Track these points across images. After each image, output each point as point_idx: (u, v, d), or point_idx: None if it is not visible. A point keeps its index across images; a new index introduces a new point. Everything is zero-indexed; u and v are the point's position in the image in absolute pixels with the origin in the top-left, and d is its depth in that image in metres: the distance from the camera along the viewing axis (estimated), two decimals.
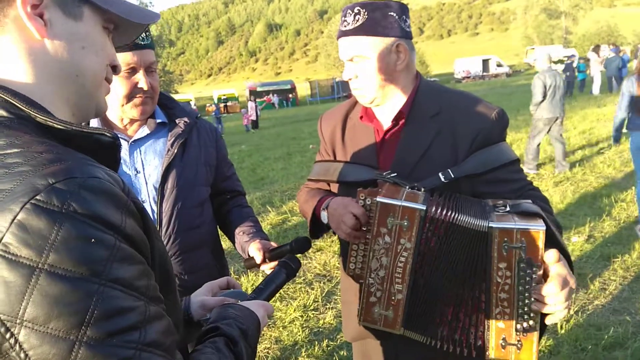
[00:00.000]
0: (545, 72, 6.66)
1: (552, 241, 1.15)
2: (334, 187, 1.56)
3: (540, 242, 1.08)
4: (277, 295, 1.12)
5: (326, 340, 3.18)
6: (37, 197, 0.55)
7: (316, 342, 3.17)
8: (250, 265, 1.54)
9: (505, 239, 1.10)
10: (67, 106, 0.74)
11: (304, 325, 3.41)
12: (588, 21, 63.71)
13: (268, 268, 1.51)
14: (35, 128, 0.65)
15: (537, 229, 1.08)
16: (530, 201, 1.23)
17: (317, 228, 1.54)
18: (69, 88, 0.73)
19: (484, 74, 46.65)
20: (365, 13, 1.31)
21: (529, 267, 1.10)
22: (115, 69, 0.81)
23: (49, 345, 0.54)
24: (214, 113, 23.03)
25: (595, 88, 16.96)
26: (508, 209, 1.17)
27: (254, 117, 21.48)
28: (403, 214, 1.17)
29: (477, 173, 1.31)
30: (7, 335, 0.54)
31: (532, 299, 1.11)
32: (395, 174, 1.31)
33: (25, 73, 0.68)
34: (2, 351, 0.55)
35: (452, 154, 1.34)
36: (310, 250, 4.74)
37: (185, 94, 54.11)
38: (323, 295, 3.83)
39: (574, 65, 18.42)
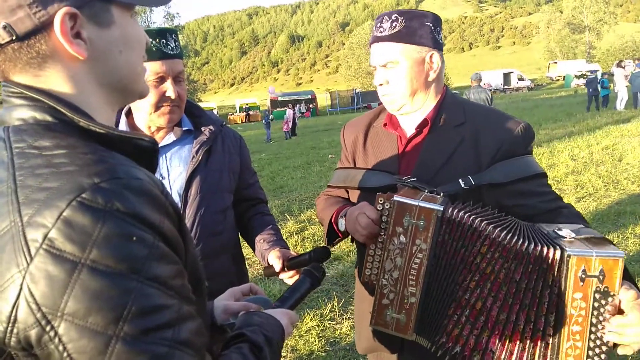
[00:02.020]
0: (473, 89, 8.68)
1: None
2: (353, 194, 1.55)
3: (619, 270, 1.03)
4: (297, 306, 1.13)
5: (342, 351, 3.17)
6: (83, 195, 0.57)
7: (332, 352, 3.17)
8: (269, 273, 1.55)
9: (583, 267, 1.04)
10: (107, 106, 0.76)
11: (320, 335, 3.40)
12: (612, 36, 62.68)
13: (287, 277, 1.52)
14: (78, 132, 0.67)
15: (617, 256, 1.03)
16: (583, 226, 1.19)
17: (333, 236, 1.54)
18: (113, 92, 0.75)
19: (505, 87, 46.14)
20: (403, 21, 1.32)
21: (604, 298, 1.04)
22: (146, 44, 0.81)
23: (87, 339, 0.55)
24: (263, 119, 22.69)
25: (620, 104, 16.64)
26: (574, 235, 1.11)
27: (292, 125, 21.24)
28: (420, 213, 1.15)
29: (499, 183, 1.29)
30: (48, 328, 0.55)
31: (606, 331, 1.05)
32: (415, 179, 1.30)
33: (69, 90, 0.70)
34: (42, 343, 0.56)
35: (475, 164, 1.33)
36: (327, 260, 4.73)
37: (208, 102, 54.78)
38: (340, 305, 3.82)
39: (598, 80, 18.09)
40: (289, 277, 1.52)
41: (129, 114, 1.63)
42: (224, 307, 1.06)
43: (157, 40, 1.47)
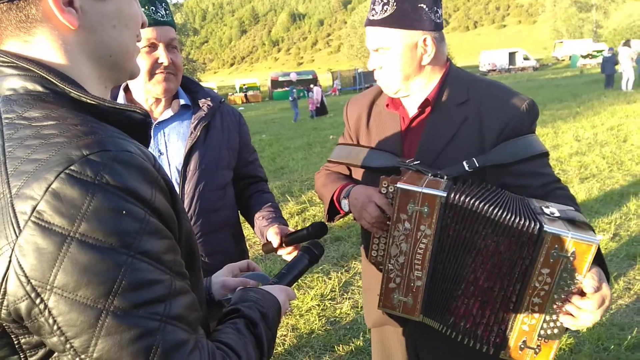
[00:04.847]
0: None
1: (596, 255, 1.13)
2: (355, 172, 1.55)
3: (590, 255, 1.06)
4: (295, 283, 1.12)
5: (342, 330, 3.18)
6: (72, 168, 0.56)
7: (332, 331, 3.18)
8: (268, 249, 1.55)
9: (556, 245, 1.07)
10: (100, 81, 0.75)
11: (321, 314, 3.42)
12: (620, 15, 61.72)
13: (285, 252, 1.52)
14: (70, 103, 0.66)
15: (591, 242, 1.05)
16: (573, 209, 1.20)
17: (334, 212, 1.53)
18: (103, 67, 0.75)
19: (510, 67, 45.51)
20: (395, 4, 1.27)
21: (570, 278, 1.08)
22: (142, 25, 0.81)
23: (77, 312, 0.55)
24: (289, 97, 20.31)
25: (627, 84, 16.43)
26: (558, 214, 1.13)
27: (318, 104, 19.39)
28: (423, 200, 1.16)
29: (504, 163, 1.28)
30: (37, 301, 0.55)
31: (564, 309, 1.10)
32: (419, 162, 1.29)
33: (59, 59, 0.69)
34: (32, 316, 0.56)
35: (479, 143, 1.30)
36: (328, 240, 4.74)
37: (208, 82, 54.31)
38: (340, 285, 3.83)
39: (612, 57, 17.77)
40: (288, 254, 1.52)
41: (127, 89, 1.60)
42: (222, 282, 1.07)
43: (147, 7, 1.46)
